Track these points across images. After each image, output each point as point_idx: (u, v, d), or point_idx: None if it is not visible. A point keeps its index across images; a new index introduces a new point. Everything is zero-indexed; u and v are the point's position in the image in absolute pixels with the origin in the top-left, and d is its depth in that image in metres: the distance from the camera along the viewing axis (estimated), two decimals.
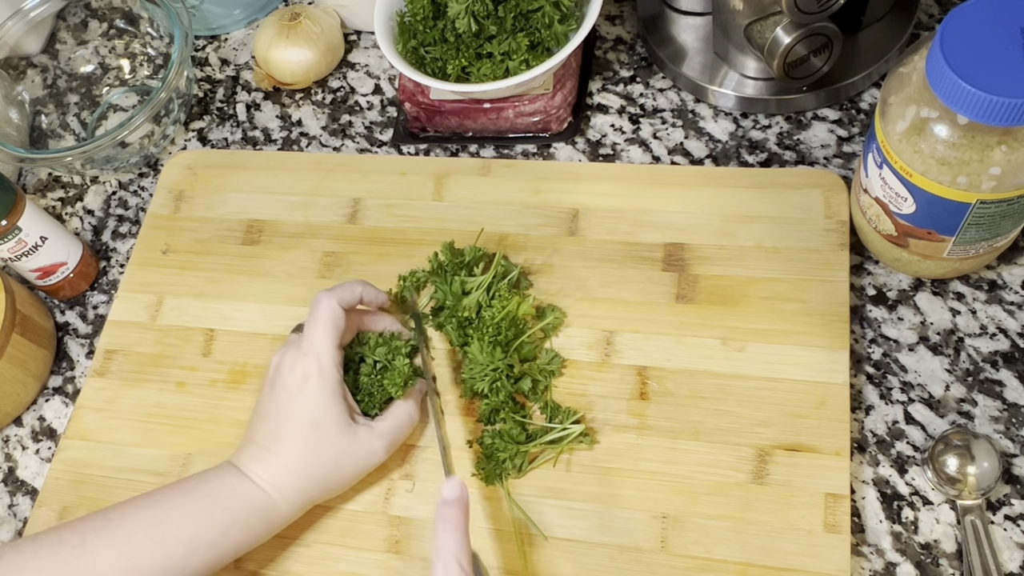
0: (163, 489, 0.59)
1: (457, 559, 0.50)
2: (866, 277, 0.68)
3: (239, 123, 0.86)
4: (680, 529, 0.59)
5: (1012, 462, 0.60)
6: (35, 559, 0.54)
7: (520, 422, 0.63)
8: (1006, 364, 0.63)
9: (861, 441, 0.62)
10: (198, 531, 0.56)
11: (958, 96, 0.50)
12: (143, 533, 0.56)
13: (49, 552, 0.54)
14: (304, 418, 0.59)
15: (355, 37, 0.89)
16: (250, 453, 0.60)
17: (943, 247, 0.61)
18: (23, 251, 0.74)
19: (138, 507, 0.57)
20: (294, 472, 0.59)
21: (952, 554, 0.58)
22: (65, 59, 0.90)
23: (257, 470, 0.59)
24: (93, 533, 0.55)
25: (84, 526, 0.56)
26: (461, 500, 0.52)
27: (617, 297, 0.68)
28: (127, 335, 0.74)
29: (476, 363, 0.64)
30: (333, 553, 0.63)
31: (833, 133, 0.74)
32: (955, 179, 0.54)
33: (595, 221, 0.72)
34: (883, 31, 0.75)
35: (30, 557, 0.54)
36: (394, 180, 0.77)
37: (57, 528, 0.56)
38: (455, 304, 0.67)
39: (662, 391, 0.64)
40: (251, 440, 0.61)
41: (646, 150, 0.76)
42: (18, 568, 0.54)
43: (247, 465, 0.59)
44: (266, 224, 0.77)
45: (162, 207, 0.80)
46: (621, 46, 0.83)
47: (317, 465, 0.59)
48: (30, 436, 0.74)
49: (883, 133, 0.57)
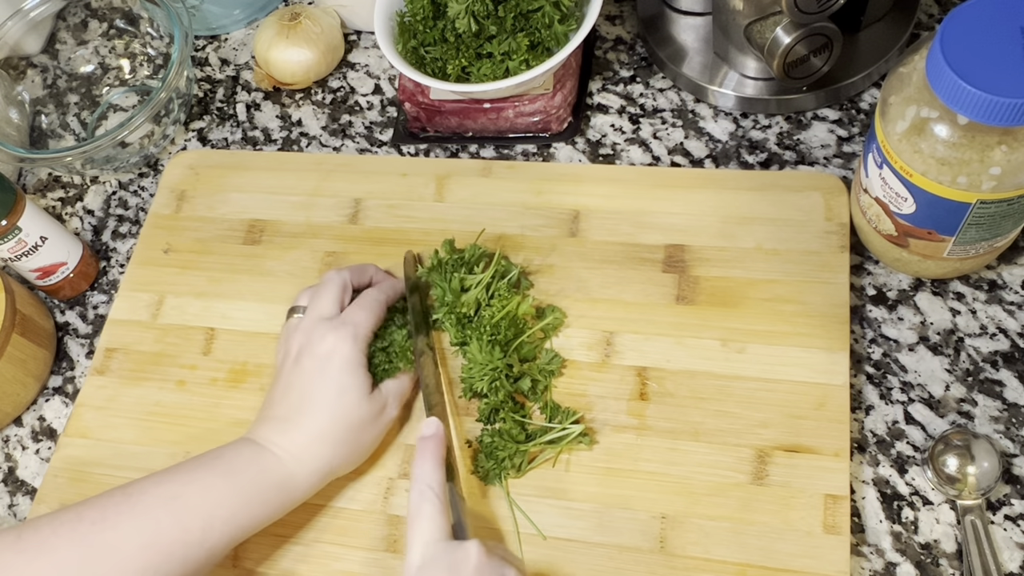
0: (180, 464, 0.59)
1: (430, 486, 0.55)
2: (866, 277, 0.68)
3: (239, 123, 0.86)
4: (679, 530, 0.59)
5: (1012, 462, 0.60)
6: (54, 536, 0.54)
7: (519, 422, 0.63)
8: (1006, 364, 0.63)
9: (861, 441, 0.62)
10: (215, 505, 0.56)
11: (958, 96, 0.50)
12: (162, 508, 0.56)
13: (68, 529, 0.54)
14: (332, 385, 0.60)
15: (355, 37, 0.89)
16: (270, 427, 0.60)
17: (943, 247, 0.61)
18: (23, 251, 0.74)
19: (156, 482, 0.57)
20: (318, 440, 0.60)
21: (952, 554, 0.58)
22: (65, 59, 0.90)
23: (278, 440, 0.59)
24: (113, 508, 0.55)
25: (103, 502, 0.56)
26: (437, 435, 0.58)
27: (617, 298, 0.68)
28: (128, 334, 0.74)
29: (475, 362, 0.64)
30: (332, 552, 0.63)
31: (833, 133, 0.74)
32: (955, 179, 0.54)
33: (596, 222, 0.72)
34: (883, 31, 0.75)
35: (49, 535, 0.54)
36: (395, 181, 0.77)
37: (76, 506, 0.56)
38: (454, 301, 0.67)
39: (662, 392, 0.64)
40: (270, 416, 0.61)
41: (646, 150, 0.76)
42: (38, 546, 0.54)
43: (266, 437, 0.60)
44: (267, 224, 0.77)
45: (164, 206, 0.80)
46: (621, 46, 0.83)
47: (344, 430, 0.60)
48: (30, 436, 0.74)
49: (883, 133, 0.57)
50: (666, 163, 0.75)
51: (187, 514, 0.56)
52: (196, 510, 0.56)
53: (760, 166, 0.74)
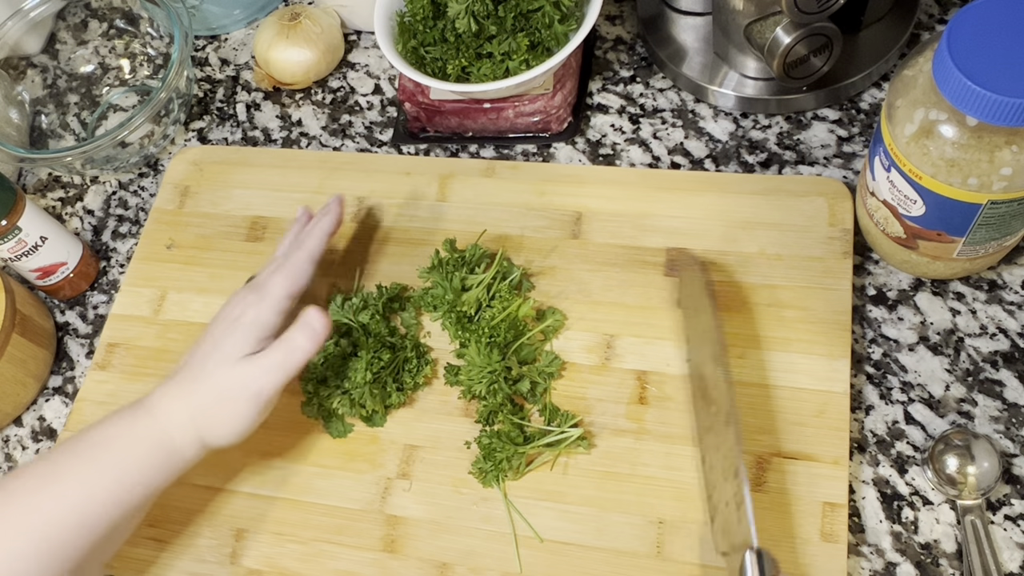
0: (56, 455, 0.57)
1: None
2: (866, 277, 0.68)
3: (239, 123, 0.86)
4: (677, 535, 0.59)
5: (1012, 462, 0.60)
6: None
7: (518, 424, 0.63)
8: (1006, 364, 0.63)
9: (861, 441, 0.62)
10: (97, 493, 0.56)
11: (966, 97, 0.50)
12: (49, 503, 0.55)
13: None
14: (208, 346, 0.59)
15: (355, 37, 0.89)
16: (167, 388, 0.59)
17: (953, 248, 0.60)
18: (23, 251, 0.74)
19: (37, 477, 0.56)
20: (183, 400, 0.58)
21: (952, 554, 0.58)
22: (65, 59, 0.90)
23: (170, 406, 0.58)
24: None
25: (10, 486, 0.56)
26: None
27: (618, 301, 0.68)
28: (129, 329, 0.74)
29: (473, 365, 0.64)
30: (329, 551, 0.63)
31: (833, 133, 0.74)
32: (965, 180, 0.54)
33: (598, 224, 0.72)
34: (883, 31, 0.74)
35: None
36: (398, 180, 0.77)
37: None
38: (455, 300, 0.66)
39: (661, 396, 0.64)
40: (174, 377, 0.60)
41: (646, 150, 0.76)
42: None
43: (162, 404, 0.59)
44: (270, 221, 0.77)
45: (167, 202, 0.80)
46: (621, 46, 0.82)
47: (215, 401, 0.58)
48: (30, 436, 0.74)
49: (890, 136, 0.57)
50: (666, 163, 0.75)
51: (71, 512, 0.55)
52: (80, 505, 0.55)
53: (760, 166, 0.73)
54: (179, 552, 0.65)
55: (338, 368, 0.65)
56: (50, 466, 0.56)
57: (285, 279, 0.61)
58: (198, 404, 0.58)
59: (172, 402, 0.58)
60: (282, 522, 0.64)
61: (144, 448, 0.57)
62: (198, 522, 0.65)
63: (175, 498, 0.66)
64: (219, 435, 0.59)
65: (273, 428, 0.67)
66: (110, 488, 0.56)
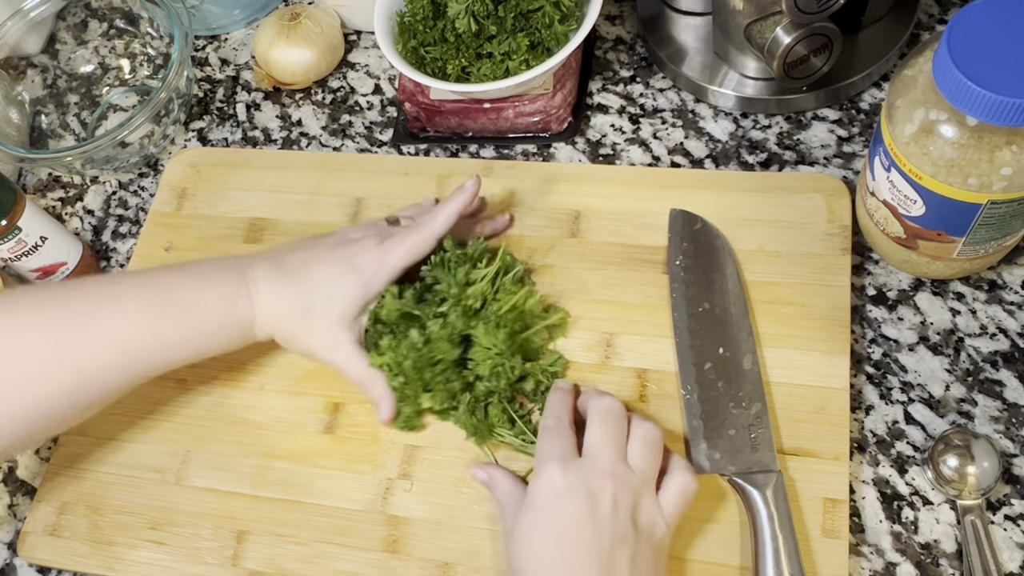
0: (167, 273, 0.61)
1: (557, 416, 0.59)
2: (866, 277, 0.68)
3: (239, 123, 0.86)
4: (678, 533, 0.59)
5: (1012, 462, 0.60)
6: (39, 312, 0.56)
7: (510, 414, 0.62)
8: (1006, 364, 0.63)
9: (861, 441, 0.62)
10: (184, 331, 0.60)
11: (966, 97, 0.50)
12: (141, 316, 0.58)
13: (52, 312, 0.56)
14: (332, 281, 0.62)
15: (355, 37, 0.89)
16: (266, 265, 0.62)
17: (953, 248, 0.61)
18: (23, 251, 0.74)
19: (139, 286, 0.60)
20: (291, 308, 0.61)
21: (952, 554, 0.58)
22: (65, 59, 0.90)
23: (262, 285, 0.61)
24: (100, 305, 0.58)
25: (90, 293, 0.58)
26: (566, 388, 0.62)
27: (618, 299, 0.68)
28: None
29: (480, 346, 0.63)
30: (330, 552, 0.63)
31: (833, 133, 0.74)
32: (966, 180, 0.54)
33: (597, 223, 0.72)
34: (883, 31, 0.75)
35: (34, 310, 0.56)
36: (397, 180, 0.77)
37: (61, 287, 0.58)
38: (459, 293, 0.66)
39: (661, 394, 0.64)
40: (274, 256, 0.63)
41: (646, 150, 0.76)
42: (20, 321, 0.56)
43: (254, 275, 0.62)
44: (268, 222, 0.77)
45: (165, 204, 0.80)
46: (621, 46, 0.82)
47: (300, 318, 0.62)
48: None
49: (890, 137, 0.57)
50: (666, 163, 0.75)
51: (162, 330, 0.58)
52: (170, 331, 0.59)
53: (760, 166, 0.74)
54: (180, 554, 0.64)
55: None
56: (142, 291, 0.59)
57: (406, 254, 0.64)
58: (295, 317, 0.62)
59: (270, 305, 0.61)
60: (283, 523, 0.64)
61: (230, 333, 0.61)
62: (199, 524, 0.65)
63: (176, 500, 0.66)
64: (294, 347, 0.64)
65: (274, 429, 0.67)
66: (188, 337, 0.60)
